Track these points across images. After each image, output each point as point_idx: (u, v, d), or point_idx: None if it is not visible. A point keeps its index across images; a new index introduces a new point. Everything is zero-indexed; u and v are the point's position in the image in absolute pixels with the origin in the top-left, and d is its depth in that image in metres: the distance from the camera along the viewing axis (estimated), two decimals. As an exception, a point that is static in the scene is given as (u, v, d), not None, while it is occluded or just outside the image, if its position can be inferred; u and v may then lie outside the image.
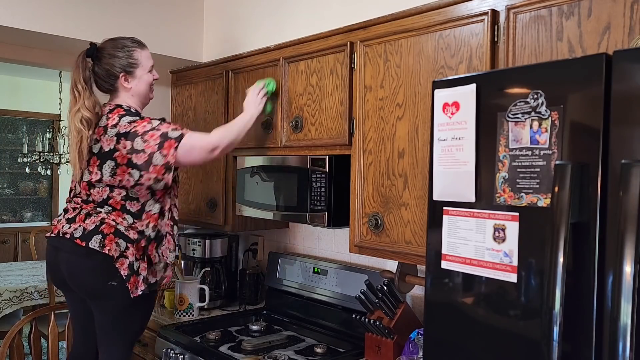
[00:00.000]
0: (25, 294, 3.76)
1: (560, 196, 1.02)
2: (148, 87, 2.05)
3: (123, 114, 1.93)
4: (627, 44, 1.26)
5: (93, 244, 1.86)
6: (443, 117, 1.25)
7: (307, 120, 2.07)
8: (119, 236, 1.88)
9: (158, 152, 1.86)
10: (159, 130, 1.89)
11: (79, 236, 1.88)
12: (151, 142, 1.86)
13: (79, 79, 1.95)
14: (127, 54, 1.98)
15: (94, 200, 1.93)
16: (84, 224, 1.90)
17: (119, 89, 2.00)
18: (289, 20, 2.30)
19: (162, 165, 1.87)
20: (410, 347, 1.82)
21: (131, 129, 1.88)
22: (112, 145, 1.88)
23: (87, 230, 1.88)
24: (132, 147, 1.86)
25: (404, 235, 1.72)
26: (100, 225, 1.89)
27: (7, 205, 6.33)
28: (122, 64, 1.97)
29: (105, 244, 1.86)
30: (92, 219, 1.90)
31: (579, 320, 1.02)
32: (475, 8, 1.56)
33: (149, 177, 1.88)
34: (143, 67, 2.02)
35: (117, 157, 1.87)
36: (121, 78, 1.98)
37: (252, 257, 2.85)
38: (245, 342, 2.17)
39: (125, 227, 1.90)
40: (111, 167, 1.88)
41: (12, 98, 6.21)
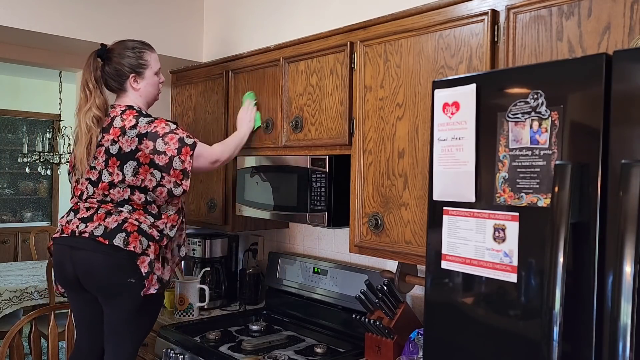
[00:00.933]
0: (25, 294, 3.77)
1: (560, 196, 1.02)
2: (156, 89, 2.11)
3: (137, 115, 1.97)
4: (627, 44, 1.26)
5: (117, 242, 1.88)
6: (443, 117, 1.25)
7: (307, 120, 2.07)
8: (142, 234, 1.92)
9: (177, 157, 1.93)
10: (177, 135, 1.95)
11: (101, 234, 1.89)
12: (171, 145, 1.93)
13: (90, 78, 1.99)
14: (137, 55, 2.03)
15: (112, 199, 1.95)
16: (104, 223, 1.91)
17: (128, 89, 2.04)
18: (289, 20, 2.30)
19: (180, 171, 1.93)
20: (410, 347, 1.82)
21: (151, 129, 1.93)
22: (134, 146, 1.91)
23: (109, 228, 1.90)
24: (154, 148, 1.91)
25: (404, 235, 1.72)
26: (123, 223, 1.91)
27: (7, 205, 6.33)
28: (132, 65, 2.02)
29: (129, 241, 1.89)
30: (114, 218, 1.91)
31: (579, 320, 1.02)
32: (475, 8, 1.56)
33: (169, 180, 1.93)
34: (152, 68, 2.07)
35: (139, 157, 1.91)
36: (130, 78, 2.02)
37: (252, 257, 2.85)
38: (245, 342, 2.17)
39: (149, 225, 1.94)
40: (133, 167, 1.91)
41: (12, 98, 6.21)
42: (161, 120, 1.98)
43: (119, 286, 1.90)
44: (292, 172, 2.11)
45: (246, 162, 2.36)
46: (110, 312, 1.96)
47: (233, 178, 2.48)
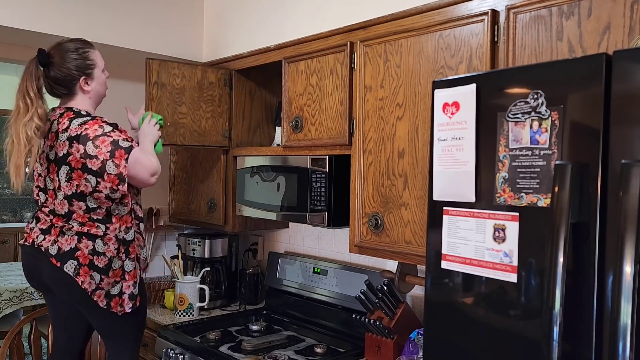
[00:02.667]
0: (25, 294, 3.76)
1: (560, 196, 1.02)
2: (104, 86, 2.02)
3: (72, 117, 1.88)
4: (627, 44, 1.26)
5: (68, 269, 1.83)
6: (443, 117, 1.25)
7: (307, 120, 2.07)
8: (93, 269, 1.85)
9: (110, 160, 1.79)
10: (110, 137, 1.82)
11: (54, 255, 1.85)
12: (102, 148, 1.80)
13: (31, 86, 1.88)
14: (82, 56, 1.94)
15: (57, 212, 1.88)
16: (59, 242, 1.86)
17: (77, 92, 1.95)
18: (289, 20, 2.30)
19: (115, 175, 1.80)
20: (410, 347, 1.82)
21: (82, 131, 1.82)
22: (65, 150, 1.83)
23: (62, 250, 1.85)
24: (85, 152, 1.81)
25: (404, 235, 1.72)
26: (75, 250, 1.85)
27: (7, 205, 6.33)
28: (80, 67, 1.92)
29: (80, 273, 1.84)
30: (67, 239, 1.86)
31: (579, 320, 1.02)
32: (475, 8, 1.56)
33: (105, 186, 1.82)
34: (99, 67, 1.99)
35: (70, 161, 1.82)
36: (81, 81, 1.93)
37: (252, 257, 2.85)
38: (245, 342, 2.17)
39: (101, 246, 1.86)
40: (66, 172, 1.84)
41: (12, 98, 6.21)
42: (96, 121, 1.87)
43: (88, 302, 1.87)
44: (292, 172, 2.11)
45: (246, 162, 2.36)
46: (94, 322, 1.97)
47: (233, 178, 2.48)
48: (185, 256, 2.70)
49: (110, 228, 1.89)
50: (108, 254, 1.88)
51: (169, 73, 2.30)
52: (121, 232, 1.92)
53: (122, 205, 1.91)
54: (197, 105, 2.40)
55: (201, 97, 2.41)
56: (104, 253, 1.87)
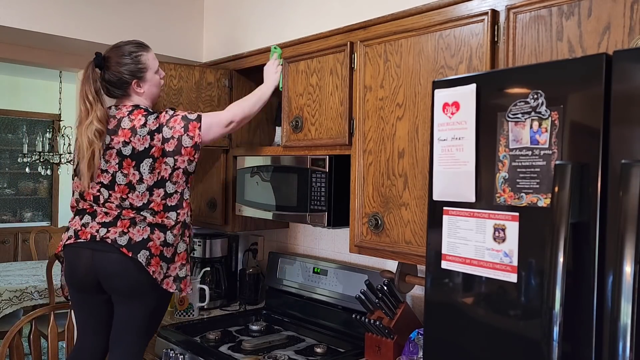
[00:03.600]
0: (25, 294, 3.77)
1: (560, 196, 1.02)
2: (158, 87, 2.09)
3: (146, 114, 1.96)
4: (627, 44, 1.26)
5: (141, 258, 1.88)
6: (443, 117, 1.25)
7: (307, 120, 2.07)
8: (163, 259, 1.93)
9: (185, 134, 1.93)
10: (178, 115, 1.96)
11: (125, 245, 1.87)
12: (177, 127, 1.94)
13: (90, 90, 1.94)
14: (134, 60, 1.99)
15: (132, 204, 1.92)
16: (129, 233, 1.89)
17: (132, 94, 2.02)
18: (289, 20, 2.30)
19: (191, 147, 1.95)
20: (410, 347, 1.82)
21: (158, 123, 1.94)
22: (147, 144, 1.91)
23: (133, 241, 1.88)
24: (163, 138, 1.92)
25: (404, 235, 1.72)
26: (148, 241, 1.90)
27: (7, 205, 6.33)
28: (132, 70, 1.98)
29: (151, 262, 1.89)
30: (138, 230, 1.90)
31: (579, 320, 1.02)
32: (475, 8, 1.56)
33: (182, 160, 1.94)
34: (151, 69, 2.04)
35: (153, 153, 1.91)
36: (133, 84, 2.00)
37: (252, 257, 2.84)
38: (245, 342, 2.17)
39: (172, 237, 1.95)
40: (149, 164, 1.91)
41: (12, 98, 6.21)
42: (161, 112, 2.00)
43: (144, 289, 1.91)
44: (292, 172, 2.11)
45: (246, 162, 2.36)
46: (129, 312, 1.95)
47: (233, 178, 2.48)
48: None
49: (181, 214, 1.97)
50: (175, 244, 1.97)
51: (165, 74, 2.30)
52: (188, 217, 2.02)
53: (187, 189, 2.02)
54: (195, 106, 2.40)
55: (199, 97, 2.41)
56: (172, 244, 1.96)
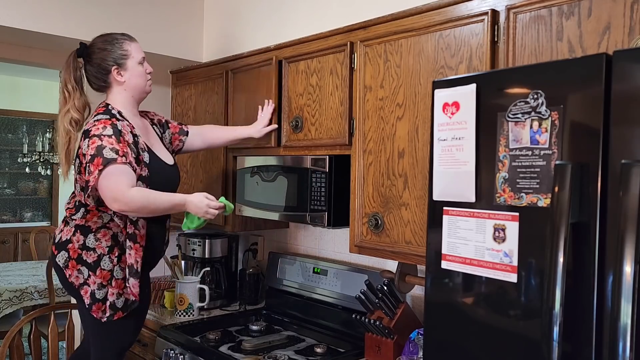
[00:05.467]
0: (25, 294, 3.77)
1: (560, 196, 1.02)
2: (143, 79, 1.98)
3: (97, 113, 1.89)
4: (627, 44, 1.26)
5: (59, 259, 1.88)
6: (443, 117, 1.25)
7: (307, 120, 2.07)
8: (81, 263, 1.87)
9: (89, 163, 1.75)
10: (101, 141, 1.76)
11: (55, 243, 1.90)
12: (90, 149, 1.76)
13: (69, 79, 1.91)
14: (117, 46, 1.93)
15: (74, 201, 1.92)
16: (62, 232, 1.91)
17: (112, 84, 1.94)
18: (289, 20, 2.30)
19: (84, 180, 1.80)
20: (410, 347, 1.82)
21: (90, 127, 1.82)
22: (79, 143, 1.86)
23: (59, 240, 1.90)
24: (82, 147, 1.82)
25: (404, 235, 1.72)
26: (67, 243, 1.88)
27: (7, 205, 6.32)
28: (113, 57, 1.91)
29: (68, 265, 1.87)
30: (65, 230, 1.90)
31: (579, 320, 1.02)
32: (475, 8, 1.56)
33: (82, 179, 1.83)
34: (134, 58, 1.95)
35: (79, 155, 1.84)
36: (113, 72, 1.92)
37: (252, 257, 2.84)
38: (245, 342, 2.17)
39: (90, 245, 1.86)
40: (77, 165, 1.86)
41: (12, 98, 6.21)
42: (106, 122, 1.82)
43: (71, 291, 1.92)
44: (292, 172, 2.11)
45: (246, 162, 2.35)
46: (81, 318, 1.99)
47: (233, 178, 2.48)
48: (185, 256, 2.70)
49: (116, 221, 1.88)
50: (98, 250, 1.88)
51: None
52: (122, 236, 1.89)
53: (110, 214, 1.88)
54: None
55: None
56: (94, 249, 1.87)
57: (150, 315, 2.49)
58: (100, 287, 1.87)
